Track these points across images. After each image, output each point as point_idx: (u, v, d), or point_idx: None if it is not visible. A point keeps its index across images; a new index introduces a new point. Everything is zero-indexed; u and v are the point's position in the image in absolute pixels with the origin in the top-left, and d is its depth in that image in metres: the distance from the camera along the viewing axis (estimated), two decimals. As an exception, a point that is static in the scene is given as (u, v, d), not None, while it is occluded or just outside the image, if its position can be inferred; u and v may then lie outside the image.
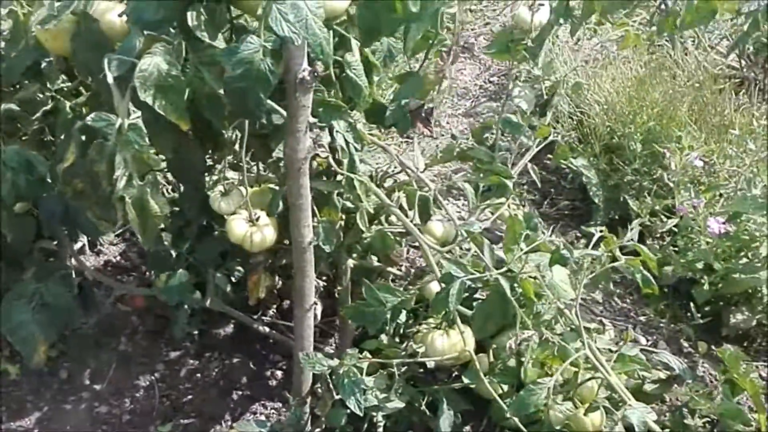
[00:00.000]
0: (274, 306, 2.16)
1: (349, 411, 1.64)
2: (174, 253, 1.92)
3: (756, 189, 2.17)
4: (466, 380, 1.73)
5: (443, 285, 1.62)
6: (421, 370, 1.85)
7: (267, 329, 2.05)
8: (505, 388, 1.72)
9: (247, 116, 1.42)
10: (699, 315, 2.21)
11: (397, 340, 1.88)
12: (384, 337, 1.84)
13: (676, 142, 2.38)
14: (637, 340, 2.15)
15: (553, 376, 1.61)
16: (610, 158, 2.52)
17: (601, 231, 1.75)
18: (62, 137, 1.69)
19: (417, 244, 1.88)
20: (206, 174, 1.94)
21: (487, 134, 2.04)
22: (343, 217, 1.81)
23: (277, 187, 1.80)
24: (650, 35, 2.82)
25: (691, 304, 2.22)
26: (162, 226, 1.90)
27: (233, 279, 1.91)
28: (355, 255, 1.92)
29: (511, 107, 1.94)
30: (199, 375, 2.05)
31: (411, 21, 1.13)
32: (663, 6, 1.96)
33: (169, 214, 1.87)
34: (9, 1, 1.60)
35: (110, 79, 1.30)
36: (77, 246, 2.21)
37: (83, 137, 1.55)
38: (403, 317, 1.85)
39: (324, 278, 1.99)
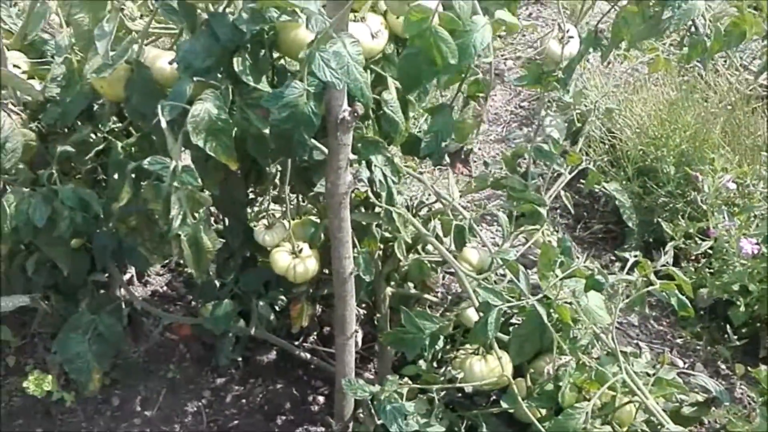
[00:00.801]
0: (315, 333, 2.22)
1: (391, 436, 1.68)
2: (219, 283, 2.00)
3: (790, 210, 2.18)
4: (504, 405, 1.76)
5: (481, 314, 1.66)
6: (460, 395, 1.88)
7: (308, 356, 2.11)
8: (544, 412, 1.74)
9: (292, 155, 1.49)
10: (736, 337, 2.21)
11: (435, 365, 1.93)
12: (422, 363, 1.88)
13: (709, 164, 2.40)
14: (674, 363, 2.17)
15: (590, 401, 1.63)
16: (643, 181, 2.55)
17: (635, 256, 1.77)
18: (115, 176, 1.78)
19: (452, 270, 1.93)
20: (249, 207, 2.02)
21: (519, 161, 2.10)
22: (381, 246, 1.87)
23: (317, 219, 1.88)
24: (680, 58, 2.85)
25: (728, 326, 2.23)
26: (209, 258, 1.99)
27: (276, 308, 1.98)
28: (392, 283, 1.98)
29: (543, 135, 1.98)
30: (244, 401, 2.11)
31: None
32: (693, 29, 1.99)
33: (215, 247, 1.95)
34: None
35: (164, 124, 1.39)
36: (126, 277, 2.31)
37: (134, 177, 1.65)
38: (440, 343, 1.89)
39: (363, 306, 2.05)
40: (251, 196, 1.99)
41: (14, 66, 1.73)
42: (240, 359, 2.17)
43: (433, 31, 1.15)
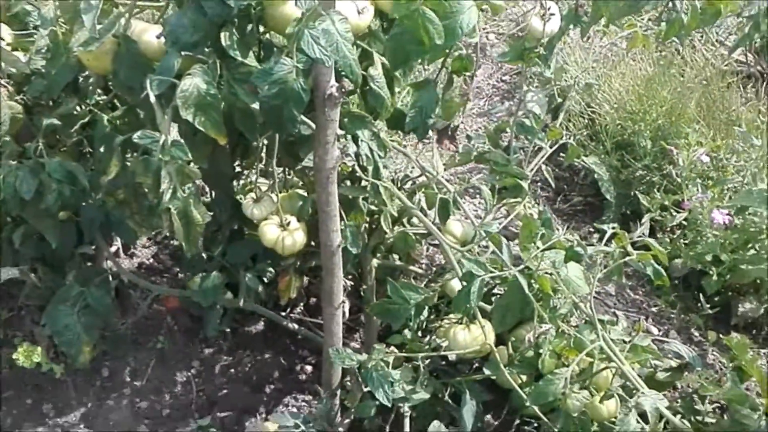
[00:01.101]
0: (302, 304, 2.26)
1: (377, 403, 1.73)
2: (206, 256, 2.02)
3: (762, 183, 2.25)
4: (487, 372, 1.83)
5: (464, 283, 1.71)
6: (444, 363, 1.94)
7: (296, 326, 2.15)
8: (524, 378, 1.80)
9: (282, 130, 1.52)
10: (708, 305, 2.29)
11: (420, 334, 1.99)
12: (408, 332, 1.94)
13: (684, 138, 2.46)
14: (649, 331, 2.25)
15: (569, 367, 1.69)
16: (621, 155, 2.61)
17: (613, 227, 1.83)
18: (101, 149, 1.79)
19: (436, 242, 1.97)
20: (235, 180, 2.04)
21: (502, 135, 2.14)
22: (367, 219, 1.91)
23: (303, 192, 1.91)
24: (658, 33, 2.89)
25: (701, 295, 2.31)
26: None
27: (264, 280, 2.01)
28: (378, 255, 2.02)
29: (524, 110, 2.02)
30: (232, 371, 2.16)
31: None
32: (671, 4, 2.03)
33: (203, 220, 1.97)
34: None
35: (152, 99, 1.40)
36: (111, 250, 2.32)
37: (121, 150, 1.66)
38: (425, 313, 1.94)
39: (350, 277, 2.09)
40: (238, 169, 2.01)
41: (-2, 38, 1.72)
42: (228, 330, 2.20)
43: (421, 12, 1.19)
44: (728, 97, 2.69)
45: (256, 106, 1.50)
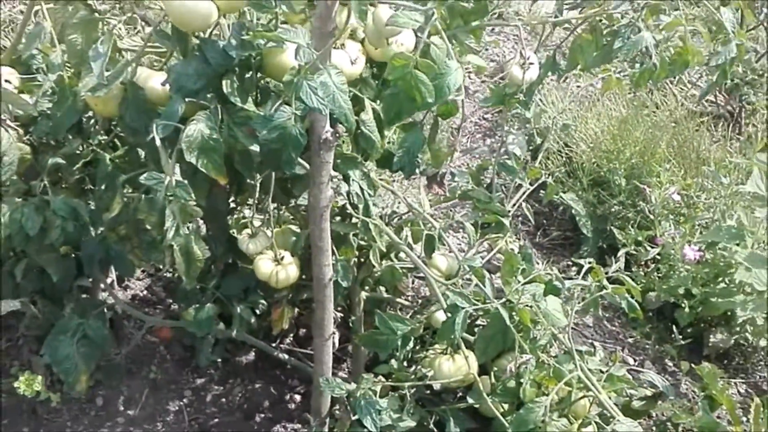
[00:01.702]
0: (291, 335, 2.33)
1: (366, 430, 1.80)
2: (200, 288, 2.09)
3: (730, 220, 2.38)
4: (470, 400, 1.90)
5: (449, 315, 1.80)
6: (429, 392, 2.02)
7: (286, 356, 2.23)
8: (506, 406, 1.88)
9: (279, 170, 1.61)
10: (681, 336, 2.40)
11: (406, 364, 2.07)
12: (394, 362, 2.01)
13: (656, 177, 2.59)
14: (625, 361, 2.35)
15: (549, 395, 1.77)
16: (597, 192, 2.73)
17: (590, 262, 1.94)
18: (103, 187, 1.87)
19: (422, 275, 2.07)
20: (229, 215, 2.13)
21: (484, 173, 2.25)
22: (357, 254, 2.00)
23: (296, 228, 2.00)
24: (632, 76, 3.04)
25: (674, 327, 2.42)
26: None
27: (257, 312, 2.08)
28: (367, 288, 2.11)
29: (505, 147, 2.13)
30: (224, 400, 2.22)
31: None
32: (644, 50, 2.16)
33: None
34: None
35: (158, 142, 1.49)
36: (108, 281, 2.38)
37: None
38: (411, 344, 2.02)
39: (339, 309, 2.17)
40: (232, 205, 2.09)
41: (6, 81, 1.81)
42: (219, 360, 2.27)
43: (413, 74, 1.31)
44: (698, 138, 2.84)
45: (254, 147, 1.60)
